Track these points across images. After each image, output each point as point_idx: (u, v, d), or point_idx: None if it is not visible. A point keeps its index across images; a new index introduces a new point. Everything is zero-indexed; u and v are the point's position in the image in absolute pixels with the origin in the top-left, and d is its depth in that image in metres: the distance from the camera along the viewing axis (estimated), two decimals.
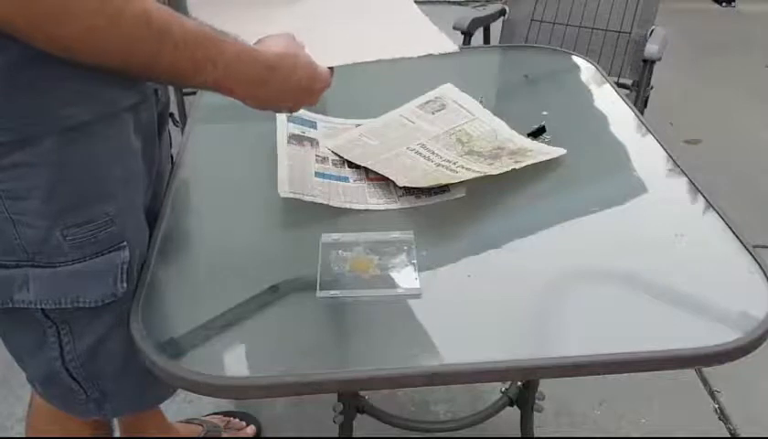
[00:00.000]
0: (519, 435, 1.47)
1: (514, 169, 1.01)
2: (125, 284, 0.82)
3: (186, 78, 0.75)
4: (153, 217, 0.94)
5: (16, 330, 0.86)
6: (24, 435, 1.10)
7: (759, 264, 0.85)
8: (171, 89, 1.11)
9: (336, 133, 1.14)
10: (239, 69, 0.77)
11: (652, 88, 2.22)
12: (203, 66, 0.74)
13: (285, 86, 0.82)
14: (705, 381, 1.76)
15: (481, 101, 1.20)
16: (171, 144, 1.10)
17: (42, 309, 0.81)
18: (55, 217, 0.76)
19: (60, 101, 0.73)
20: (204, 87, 0.78)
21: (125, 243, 0.82)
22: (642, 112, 1.88)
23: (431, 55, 0.92)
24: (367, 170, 1.04)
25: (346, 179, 1.03)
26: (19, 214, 0.75)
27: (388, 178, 1.01)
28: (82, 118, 0.74)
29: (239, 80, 0.78)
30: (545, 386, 1.43)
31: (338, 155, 1.08)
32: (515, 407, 1.45)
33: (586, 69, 1.45)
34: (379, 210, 0.97)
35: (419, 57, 0.91)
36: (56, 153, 0.74)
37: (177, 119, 2.28)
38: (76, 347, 0.85)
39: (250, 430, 1.57)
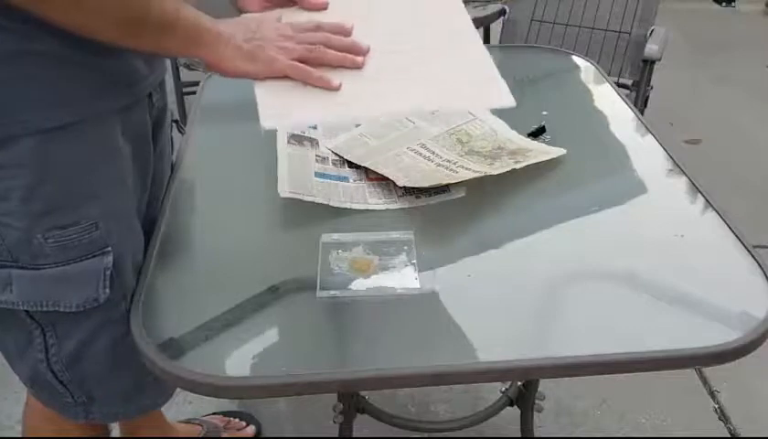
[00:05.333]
0: (519, 435, 1.48)
1: (514, 169, 1.01)
2: (108, 290, 0.81)
3: (171, 25, 0.76)
4: (151, 223, 0.93)
5: (3, 331, 0.86)
6: (21, 435, 1.10)
7: (759, 264, 0.85)
8: (170, 89, 1.11)
9: (336, 133, 1.14)
10: (197, 13, 0.80)
11: (652, 88, 2.22)
12: (179, 10, 0.77)
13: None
14: (705, 381, 1.76)
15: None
16: (173, 149, 1.09)
17: (27, 311, 0.80)
18: (35, 219, 0.75)
19: (41, 103, 0.72)
20: (185, 35, 0.79)
21: (109, 248, 0.81)
22: (642, 112, 1.88)
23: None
24: (367, 170, 1.04)
25: (346, 179, 1.03)
26: (1, 215, 0.75)
27: (388, 178, 1.01)
28: (64, 120, 0.74)
29: (200, 24, 0.80)
30: (545, 386, 1.43)
31: (338, 155, 1.08)
32: (515, 407, 1.45)
33: (586, 69, 1.45)
34: (379, 210, 0.97)
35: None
36: (36, 154, 0.73)
37: (183, 127, 2.27)
38: (60, 349, 0.84)
39: (250, 430, 1.57)
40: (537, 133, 1.15)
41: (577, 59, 1.49)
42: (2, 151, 0.72)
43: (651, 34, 2.22)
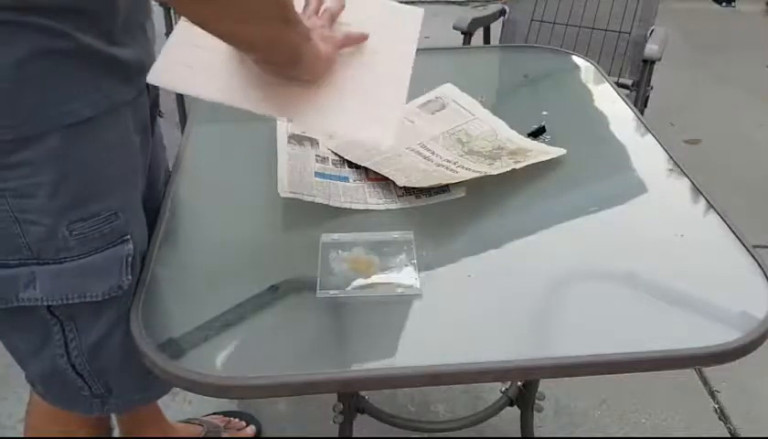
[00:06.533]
0: (519, 435, 1.48)
1: (514, 169, 1.01)
2: (130, 277, 0.83)
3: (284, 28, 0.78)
4: (148, 208, 0.94)
5: (17, 330, 0.86)
6: (23, 435, 1.10)
7: (759, 264, 0.85)
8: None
9: None
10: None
11: (652, 88, 2.22)
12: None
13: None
14: (705, 381, 1.76)
15: (481, 102, 1.20)
16: (162, 135, 1.10)
17: (48, 306, 0.81)
18: (60, 213, 0.76)
19: (64, 98, 0.73)
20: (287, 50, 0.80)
21: (128, 236, 0.82)
22: (642, 112, 1.88)
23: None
24: (367, 170, 1.04)
25: (346, 179, 1.03)
26: (24, 212, 0.75)
27: (387, 178, 1.01)
28: (86, 114, 0.75)
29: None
30: (545, 386, 1.43)
31: (338, 155, 1.08)
32: (515, 407, 1.45)
33: (586, 69, 1.45)
34: (379, 210, 0.97)
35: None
36: (61, 149, 0.74)
37: (162, 112, 2.27)
38: (81, 343, 0.85)
39: (250, 430, 1.57)
40: (537, 133, 1.15)
41: (577, 59, 1.49)
42: (30, 148, 0.72)
43: (651, 34, 2.22)
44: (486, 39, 2.44)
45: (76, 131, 0.74)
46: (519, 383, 1.44)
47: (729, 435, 1.63)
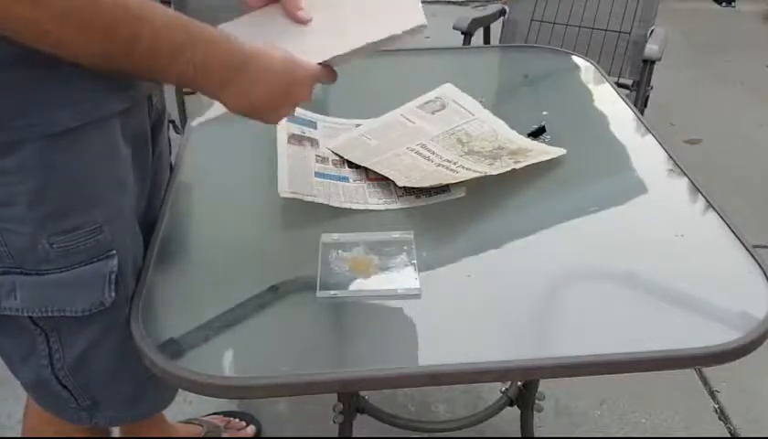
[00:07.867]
0: (519, 435, 1.48)
1: (514, 169, 1.01)
2: (113, 294, 0.81)
3: (164, 65, 0.72)
4: (150, 226, 0.93)
5: (5, 337, 0.85)
6: (21, 435, 1.10)
7: (759, 264, 0.85)
8: (172, 91, 1.10)
9: (336, 133, 1.14)
10: (214, 56, 0.74)
11: (652, 88, 2.22)
12: (181, 51, 0.71)
13: (261, 79, 0.79)
14: (705, 381, 1.76)
15: (481, 102, 1.20)
16: (171, 151, 1.09)
17: (30, 317, 0.80)
18: (40, 224, 0.75)
19: (46, 106, 0.72)
20: (180, 77, 0.75)
21: (114, 252, 0.81)
22: (642, 112, 1.88)
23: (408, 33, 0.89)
24: (367, 170, 1.04)
25: (346, 179, 1.03)
26: (4, 221, 0.74)
27: (388, 178, 1.01)
28: (69, 124, 0.73)
29: (213, 70, 0.75)
30: (545, 386, 1.43)
31: (338, 155, 1.08)
32: (515, 407, 1.45)
33: (586, 69, 1.45)
34: (379, 210, 0.97)
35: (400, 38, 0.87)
36: (41, 158, 0.72)
37: (179, 126, 2.25)
38: (65, 355, 0.84)
39: (250, 430, 1.57)
40: (537, 133, 1.15)
41: (577, 59, 1.49)
42: (9, 156, 0.71)
43: (651, 34, 2.22)
44: (486, 39, 2.44)
45: (57, 140, 0.73)
46: (519, 383, 1.44)
47: (729, 435, 1.63)
